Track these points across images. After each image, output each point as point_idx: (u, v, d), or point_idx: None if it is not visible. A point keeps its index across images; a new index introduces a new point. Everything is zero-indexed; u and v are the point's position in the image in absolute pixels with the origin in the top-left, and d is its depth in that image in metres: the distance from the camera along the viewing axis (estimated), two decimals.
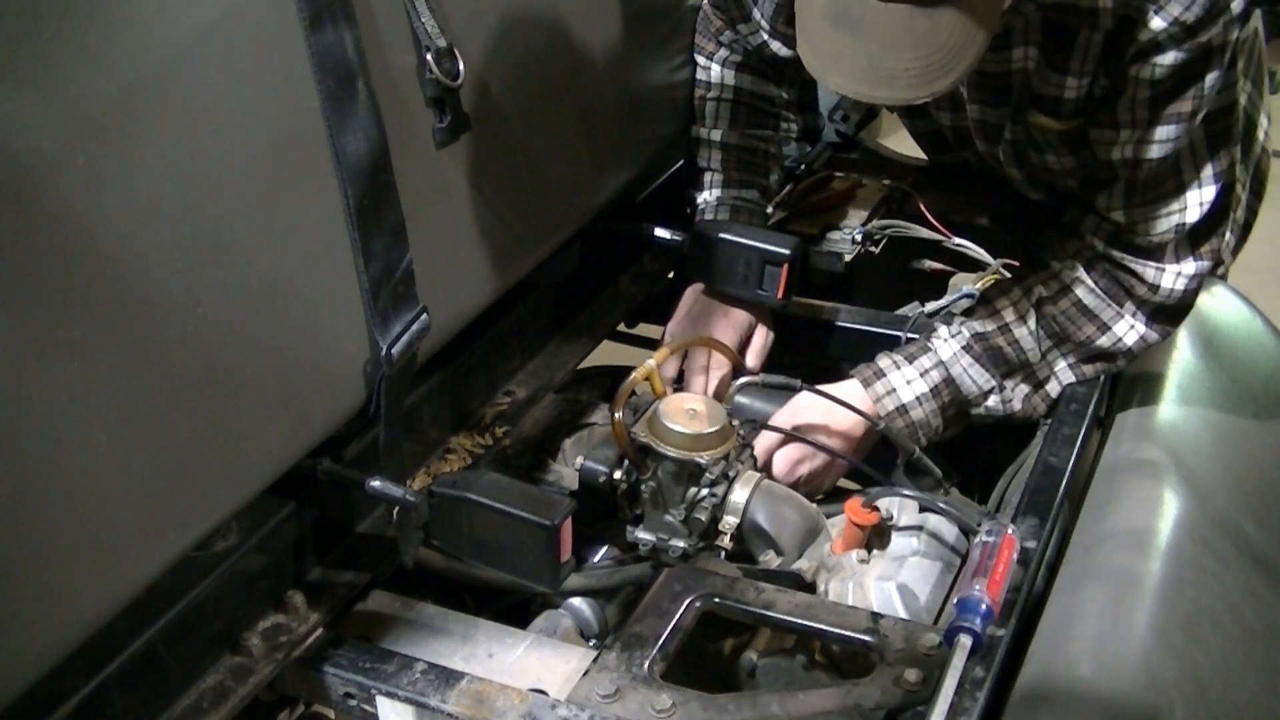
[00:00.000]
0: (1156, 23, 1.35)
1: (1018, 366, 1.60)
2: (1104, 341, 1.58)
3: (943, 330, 1.62)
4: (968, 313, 1.64)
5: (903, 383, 1.59)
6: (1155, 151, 1.46)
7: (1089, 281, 1.56)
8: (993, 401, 1.61)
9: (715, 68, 1.81)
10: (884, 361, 1.61)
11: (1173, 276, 1.53)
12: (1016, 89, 1.60)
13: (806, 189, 2.03)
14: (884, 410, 1.57)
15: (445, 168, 1.32)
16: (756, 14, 1.74)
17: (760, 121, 1.84)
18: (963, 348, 1.60)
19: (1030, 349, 1.59)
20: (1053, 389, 1.62)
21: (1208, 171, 1.49)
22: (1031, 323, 1.58)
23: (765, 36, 1.75)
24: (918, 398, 1.58)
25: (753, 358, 1.75)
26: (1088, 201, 1.57)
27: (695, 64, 1.82)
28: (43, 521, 0.91)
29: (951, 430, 1.63)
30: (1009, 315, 1.59)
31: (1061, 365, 1.61)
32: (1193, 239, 1.52)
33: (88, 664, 1.06)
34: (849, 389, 1.59)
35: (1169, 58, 1.38)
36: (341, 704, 1.23)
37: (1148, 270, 1.53)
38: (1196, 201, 1.49)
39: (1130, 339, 1.57)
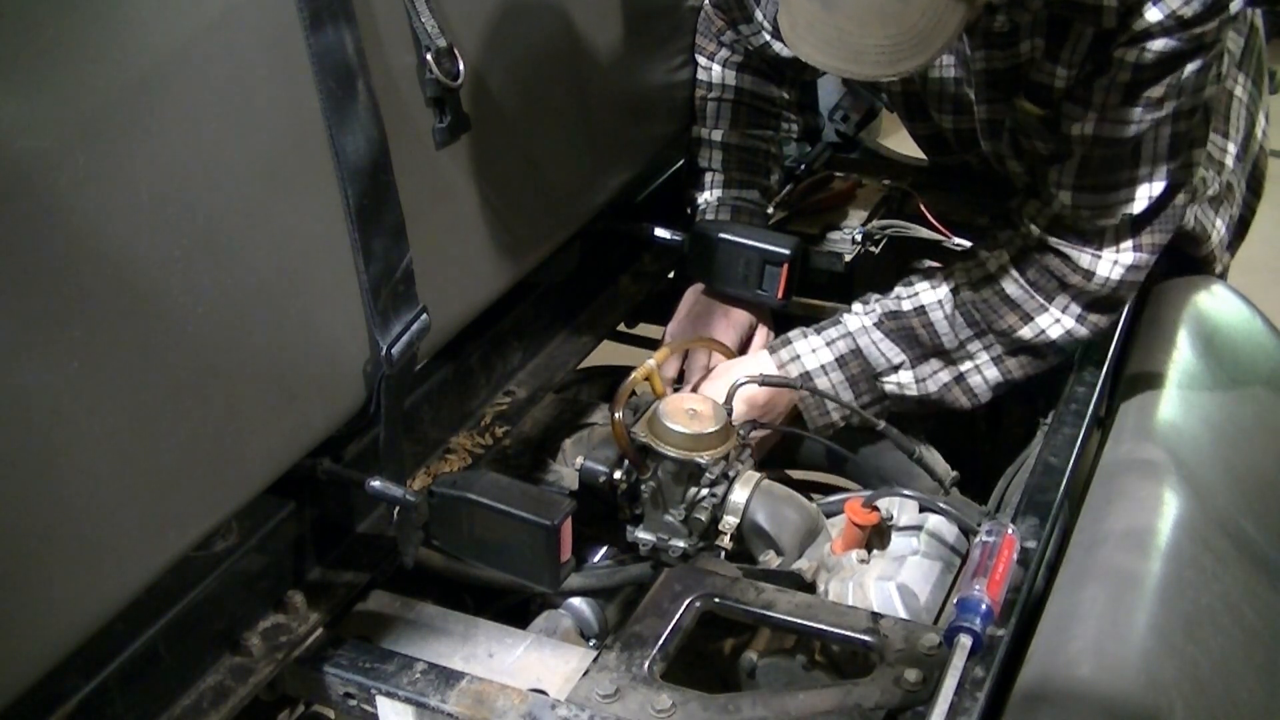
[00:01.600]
0: (1153, 14, 1.35)
1: (932, 350, 1.58)
2: (1026, 332, 1.56)
3: (856, 306, 1.63)
4: (885, 291, 1.63)
5: (808, 350, 1.59)
6: (1116, 131, 1.44)
7: (1014, 273, 1.56)
8: (904, 376, 1.59)
9: (716, 68, 1.81)
10: (793, 332, 1.62)
11: (1109, 264, 1.52)
12: (1021, 80, 1.60)
13: (806, 189, 2.03)
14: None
15: (445, 168, 1.32)
16: (759, 15, 1.74)
17: (761, 122, 1.84)
18: (874, 323, 1.59)
19: (945, 334, 1.57)
20: (976, 384, 1.60)
21: (1163, 168, 1.48)
22: (949, 307, 1.57)
23: (767, 37, 1.75)
24: (822, 366, 1.58)
25: None
26: (1038, 181, 1.56)
27: (696, 64, 1.82)
28: (43, 521, 0.91)
29: (874, 409, 1.59)
30: (926, 298, 1.58)
31: (984, 358, 1.59)
32: (1134, 226, 1.51)
33: (88, 664, 1.06)
34: (760, 359, 1.60)
35: (1158, 44, 1.37)
36: (341, 704, 1.24)
37: (1084, 256, 1.52)
38: (1145, 195, 1.49)
39: (1055, 332, 1.56)
